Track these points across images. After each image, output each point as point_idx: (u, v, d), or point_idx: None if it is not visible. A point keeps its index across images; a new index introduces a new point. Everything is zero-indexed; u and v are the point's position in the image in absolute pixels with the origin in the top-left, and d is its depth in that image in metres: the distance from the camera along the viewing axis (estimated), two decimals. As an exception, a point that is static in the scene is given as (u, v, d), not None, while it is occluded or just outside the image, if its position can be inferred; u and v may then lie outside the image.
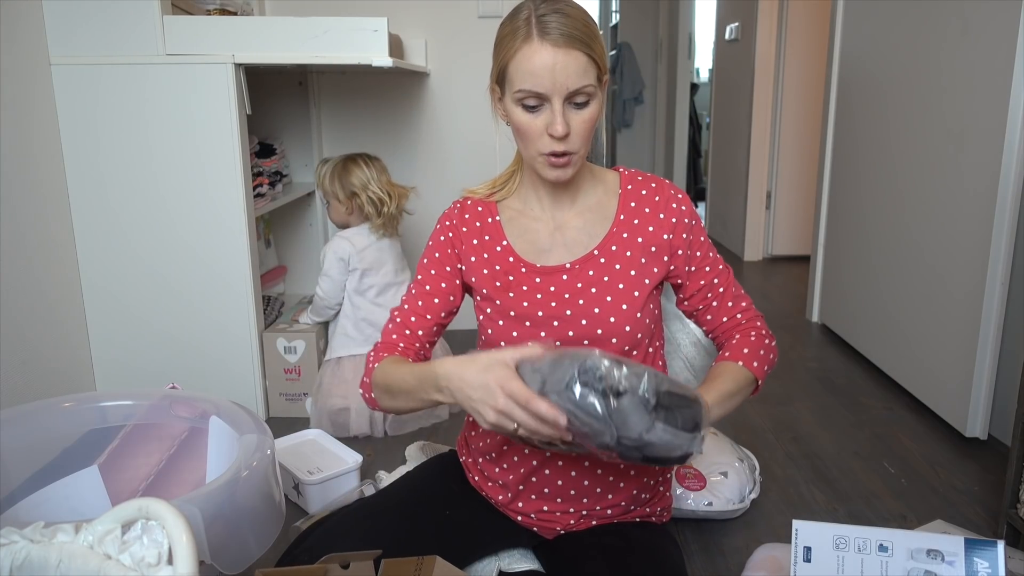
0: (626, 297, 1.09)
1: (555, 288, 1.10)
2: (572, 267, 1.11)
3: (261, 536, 1.10)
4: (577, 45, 0.98)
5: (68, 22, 1.82)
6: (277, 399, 2.10)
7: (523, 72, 0.99)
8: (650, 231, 1.12)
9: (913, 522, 1.56)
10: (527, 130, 1.03)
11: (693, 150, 5.81)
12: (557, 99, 1.00)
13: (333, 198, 2.12)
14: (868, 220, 2.45)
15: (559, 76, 0.98)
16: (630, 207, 1.13)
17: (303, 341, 2.08)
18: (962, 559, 0.94)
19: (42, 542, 0.79)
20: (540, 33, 0.98)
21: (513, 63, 1.00)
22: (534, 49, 0.98)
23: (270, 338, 2.07)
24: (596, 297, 1.09)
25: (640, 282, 1.10)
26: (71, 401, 1.36)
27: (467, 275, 1.16)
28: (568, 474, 1.13)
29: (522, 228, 1.15)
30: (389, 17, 1.95)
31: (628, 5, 5.95)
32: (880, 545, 0.98)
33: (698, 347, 2.71)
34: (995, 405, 1.87)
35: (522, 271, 1.12)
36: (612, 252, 1.11)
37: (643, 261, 1.11)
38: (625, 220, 1.13)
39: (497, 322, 1.11)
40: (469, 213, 1.17)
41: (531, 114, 1.02)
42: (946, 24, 1.97)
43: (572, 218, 1.14)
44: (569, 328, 1.09)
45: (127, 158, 1.89)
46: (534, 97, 1.00)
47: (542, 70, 0.98)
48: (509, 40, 1.01)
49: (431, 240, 1.18)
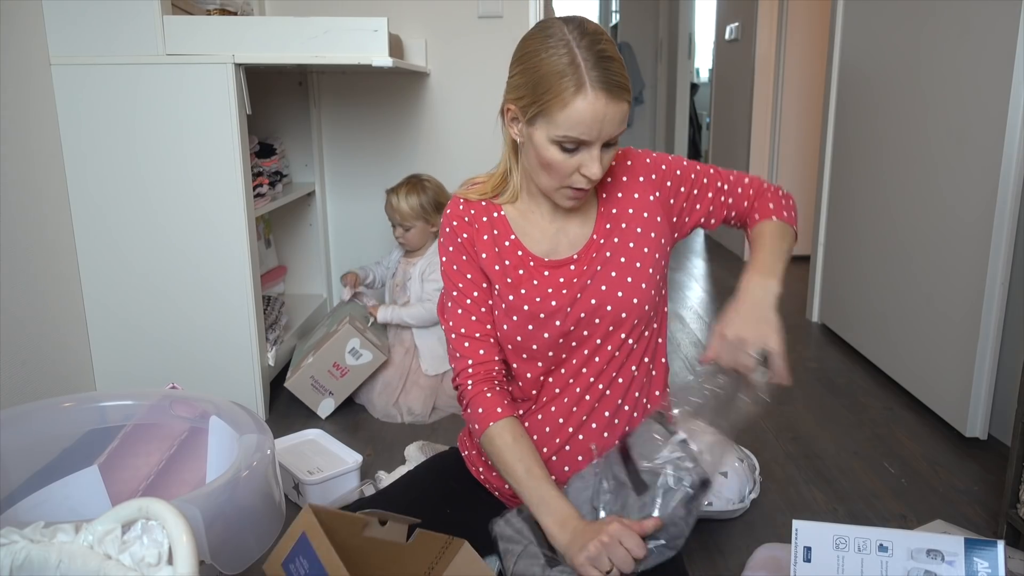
0: (629, 270, 1.11)
1: (564, 279, 1.12)
2: (578, 257, 1.13)
3: (261, 536, 1.10)
4: (624, 95, 0.99)
5: (68, 22, 1.82)
6: (305, 379, 2.06)
7: (573, 121, 0.98)
8: (636, 198, 1.14)
9: (913, 522, 1.56)
10: (559, 168, 1.03)
11: (693, 150, 5.81)
12: (598, 145, 1.01)
13: (420, 219, 2.17)
14: (868, 220, 2.45)
15: (607, 127, 0.99)
16: (606, 183, 1.15)
17: (372, 355, 2.09)
18: (962, 559, 0.94)
19: (42, 542, 0.79)
20: (594, 85, 0.97)
21: (563, 112, 0.98)
22: (588, 102, 0.97)
23: (348, 331, 2.06)
24: (602, 275, 1.11)
25: (640, 252, 1.12)
26: (71, 401, 1.36)
27: (483, 268, 1.16)
28: (579, 462, 1.15)
29: (526, 229, 1.16)
30: (389, 17, 1.95)
31: (628, 5, 5.95)
32: (880, 545, 0.98)
33: (698, 347, 2.71)
34: (995, 405, 1.87)
35: (531, 264, 1.13)
36: (607, 231, 1.13)
37: (639, 231, 1.13)
38: (608, 198, 1.15)
39: (511, 318, 1.12)
40: (475, 209, 1.16)
41: (566, 154, 1.01)
42: (946, 24, 1.97)
43: (571, 216, 1.15)
44: (580, 311, 1.11)
45: (127, 158, 1.89)
46: (576, 143, 1.00)
47: (593, 122, 0.98)
48: (555, 82, 0.97)
49: (447, 247, 1.16)
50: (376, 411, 2.11)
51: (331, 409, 2.09)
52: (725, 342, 1.02)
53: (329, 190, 2.74)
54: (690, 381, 1.08)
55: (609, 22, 6.36)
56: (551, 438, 1.14)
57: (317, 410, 2.08)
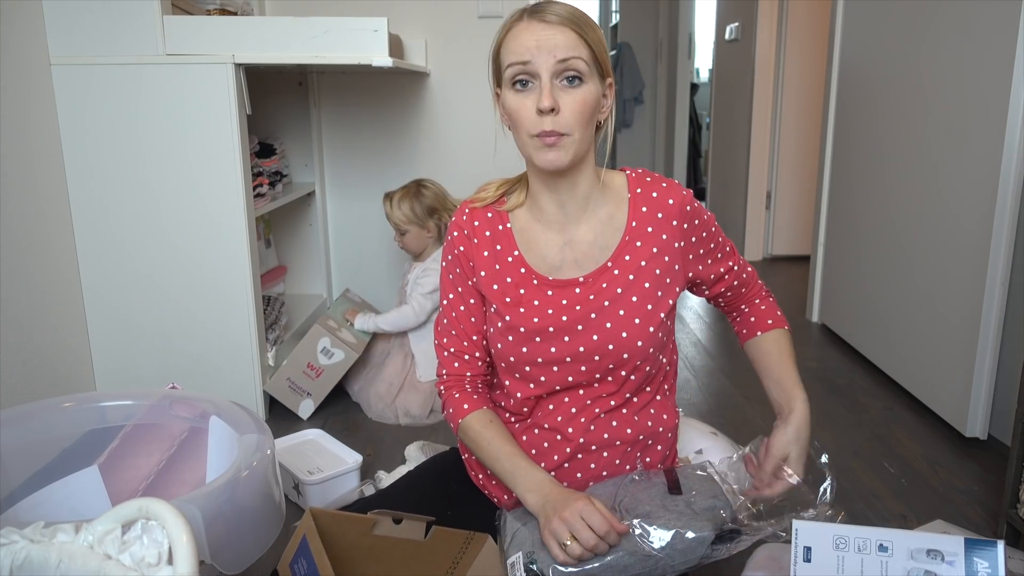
0: (639, 311, 1.06)
1: (567, 302, 1.07)
2: (585, 280, 1.08)
3: (261, 536, 1.10)
4: (567, 23, 1.00)
5: (68, 22, 1.82)
6: (282, 381, 2.07)
7: (510, 49, 1.01)
8: (663, 239, 1.09)
9: (913, 522, 1.56)
10: (518, 113, 1.02)
11: (693, 150, 5.81)
12: (545, 72, 0.99)
13: (414, 224, 2.17)
14: (868, 220, 2.45)
15: (545, 45, 0.99)
16: (641, 213, 1.09)
17: (344, 354, 2.08)
18: (962, 559, 0.94)
19: (42, 542, 0.79)
20: (530, 14, 1.01)
21: (504, 45, 1.02)
22: (522, 26, 1.01)
23: (317, 330, 2.07)
24: (608, 310, 1.06)
25: (653, 295, 1.07)
26: (71, 401, 1.36)
27: (478, 287, 1.13)
28: (577, 479, 1.12)
29: (532, 240, 1.11)
30: (389, 17, 1.95)
31: (628, 5, 5.95)
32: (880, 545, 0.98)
33: (698, 347, 2.71)
34: (995, 405, 1.87)
35: (534, 283, 1.09)
36: (625, 263, 1.08)
37: (657, 272, 1.08)
38: (637, 228, 1.09)
39: (507, 337, 1.09)
40: (479, 220, 1.13)
41: (522, 95, 1.01)
42: (946, 24, 1.97)
43: (583, 233, 1.10)
44: (580, 343, 1.06)
45: (127, 158, 1.89)
46: (523, 72, 1.00)
47: (529, 41, 0.99)
48: (502, 30, 1.04)
49: (447, 255, 1.16)
50: (372, 412, 2.11)
51: (311, 410, 2.09)
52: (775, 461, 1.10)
53: (329, 190, 2.74)
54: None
55: (609, 22, 6.36)
56: (549, 454, 1.12)
57: (298, 411, 2.08)
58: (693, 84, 5.76)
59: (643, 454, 1.13)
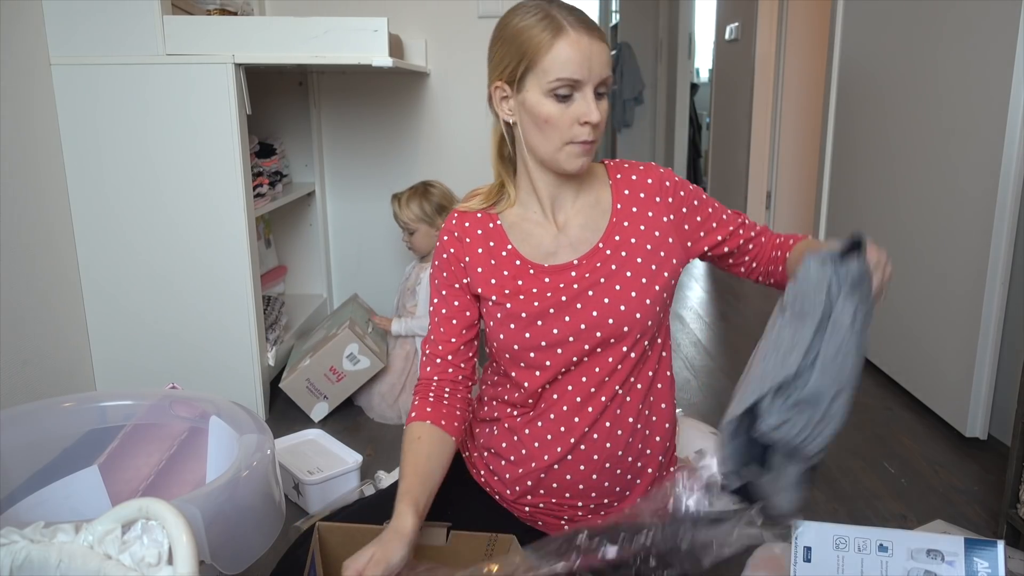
0: (635, 284, 1.10)
1: (564, 284, 1.11)
2: (580, 262, 1.11)
3: (261, 536, 1.10)
4: (603, 37, 1.03)
5: (68, 22, 1.82)
6: (300, 381, 2.07)
7: (561, 61, 1.00)
8: (650, 216, 1.13)
9: (913, 522, 1.56)
10: (558, 120, 1.03)
11: (693, 150, 5.81)
12: (590, 87, 1.02)
13: (423, 222, 2.16)
14: (868, 220, 2.45)
15: (595, 64, 1.01)
16: (624, 195, 1.14)
17: (370, 361, 2.07)
18: (962, 559, 0.94)
19: (42, 542, 0.79)
20: (573, 25, 1.01)
21: (549, 55, 1.01)
22: (572, 39, 1.00)
23: (347, 335, 2.05)
24: (605, 287, 1.10)
25: (647, 268, 1.11)
26: (71, 401, 1.37)
27: (473, 286, 1.14)
28: (580, 471, 1.13)
29: (525, 233, 1.14)
30: (389, 17, 1.95)
31: (628, 5, 5.95)
32: (880, 545, 0.98)
33: (698, 347, 2.71)
34: (995, 405, 1.87)
35: (530, 272, 1.12)
36: (616, 242, 1.12)
37: (648, 248, 1.12)
38: (622, 209, 1.14)
39: (508, 326, 1.11)
40: (469, 221, 1.16)
41: (562, 104, 1.03)
42: (946, 24, 1.97)
43: (573, 217, 1.14)
44: (581, 320, 1.09)
45: (127, 158, 1.89)
46: (569, 86, 1.01)
47: (581, 57, 1.00)
48: (535, 34, 1.01)
49: (436, 259, 1.18)
50: (373, 413, 2.11)
51: (324, 413, 2.08)
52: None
53: (329, 190, 2.74)
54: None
55: (609, 22, 6.36)
56: (552, 446, 1.13)
57: (311, 413, 2.07)
58: (693, 84, 5.76)
59: (644, 445, 1.15)
